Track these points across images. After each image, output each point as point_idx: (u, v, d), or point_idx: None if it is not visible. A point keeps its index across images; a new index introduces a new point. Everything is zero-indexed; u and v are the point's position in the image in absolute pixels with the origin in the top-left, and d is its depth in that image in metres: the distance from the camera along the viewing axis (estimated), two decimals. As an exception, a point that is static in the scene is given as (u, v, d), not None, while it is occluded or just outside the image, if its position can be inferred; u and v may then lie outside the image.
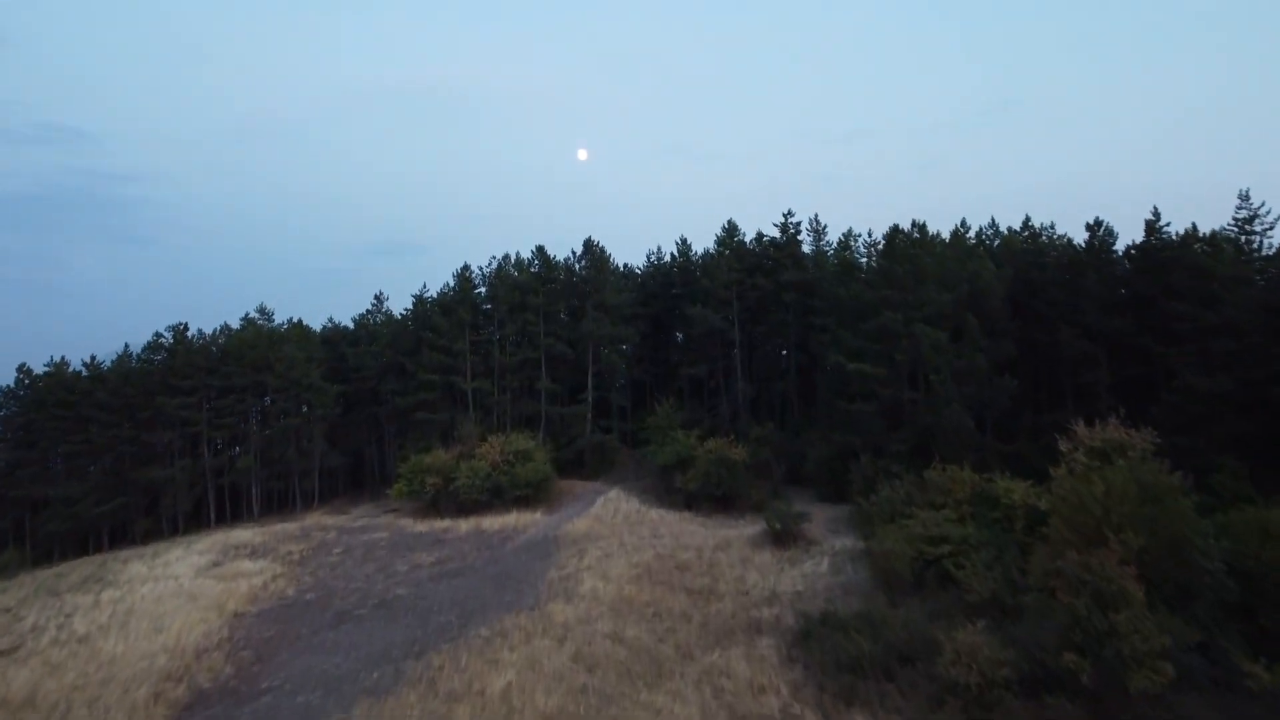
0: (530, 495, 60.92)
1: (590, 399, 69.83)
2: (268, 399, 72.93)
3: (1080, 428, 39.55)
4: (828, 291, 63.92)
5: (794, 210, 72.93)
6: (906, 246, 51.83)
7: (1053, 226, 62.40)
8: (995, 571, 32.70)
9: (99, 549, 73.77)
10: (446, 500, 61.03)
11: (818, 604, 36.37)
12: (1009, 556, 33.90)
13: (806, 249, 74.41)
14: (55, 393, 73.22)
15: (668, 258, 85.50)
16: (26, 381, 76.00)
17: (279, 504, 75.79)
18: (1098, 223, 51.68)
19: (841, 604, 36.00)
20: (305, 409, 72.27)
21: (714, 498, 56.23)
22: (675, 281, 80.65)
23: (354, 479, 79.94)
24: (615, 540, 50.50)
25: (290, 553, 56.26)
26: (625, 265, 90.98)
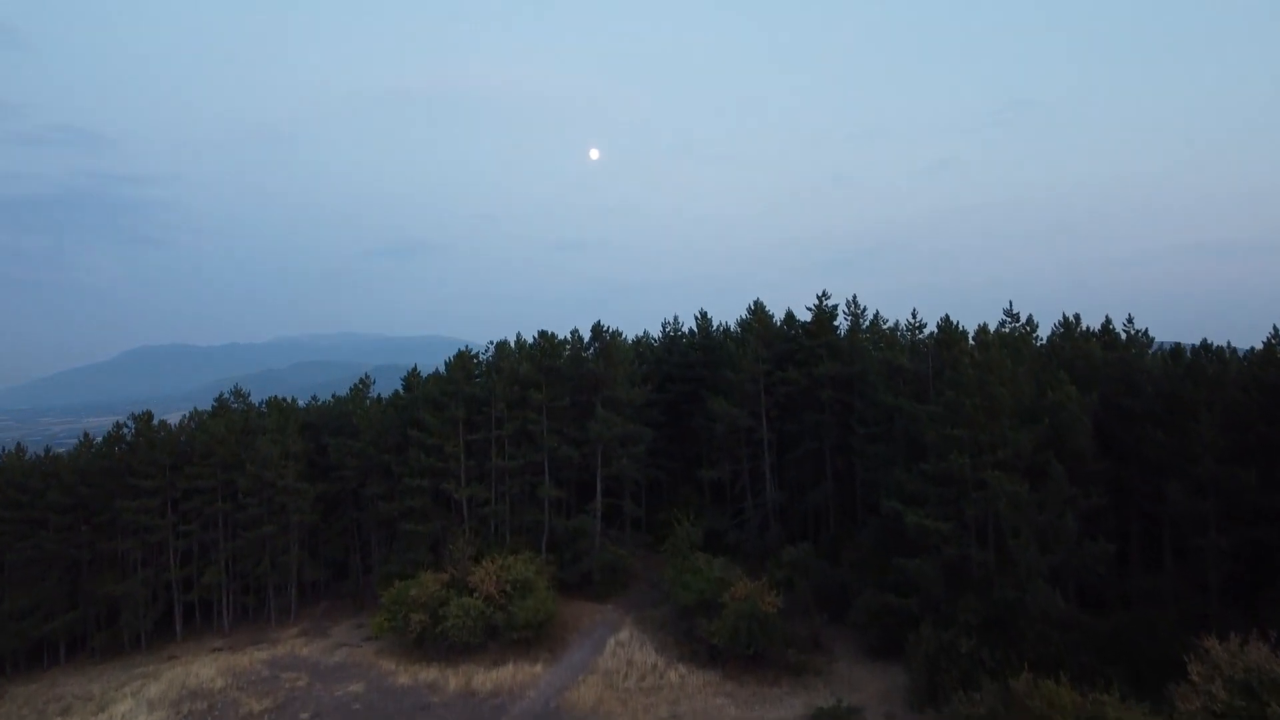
0: (531, 637, 52.86)
1: (599, 508, 61.67)
2: (239, 499, 64.93)
3: (1215, 647, 31.42)
4: (872, 396, 55.68)
5: (829, 291, 64.42)
6: (972, 370, 43.37)
7: (1146, 333, 53.92)
8: None
9: (54, 663, 66.39)
10: (434, 639, 53.02)
11: None
12: None
13: (842, 322, 66.09)
14: (5, 491, 65.58)
15: (686, 329, 77.22)
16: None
17: (254, 613, 67.92)
18: (1205, 346, 43.31)
19: None
20: (280, 513, 64.25)
21: (744, 655, 48.02)
22: (695, 362, 72.28)
23: (336, 584, 72.00)
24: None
25: (250, 714, 48.39)
26: (641, 335, 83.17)
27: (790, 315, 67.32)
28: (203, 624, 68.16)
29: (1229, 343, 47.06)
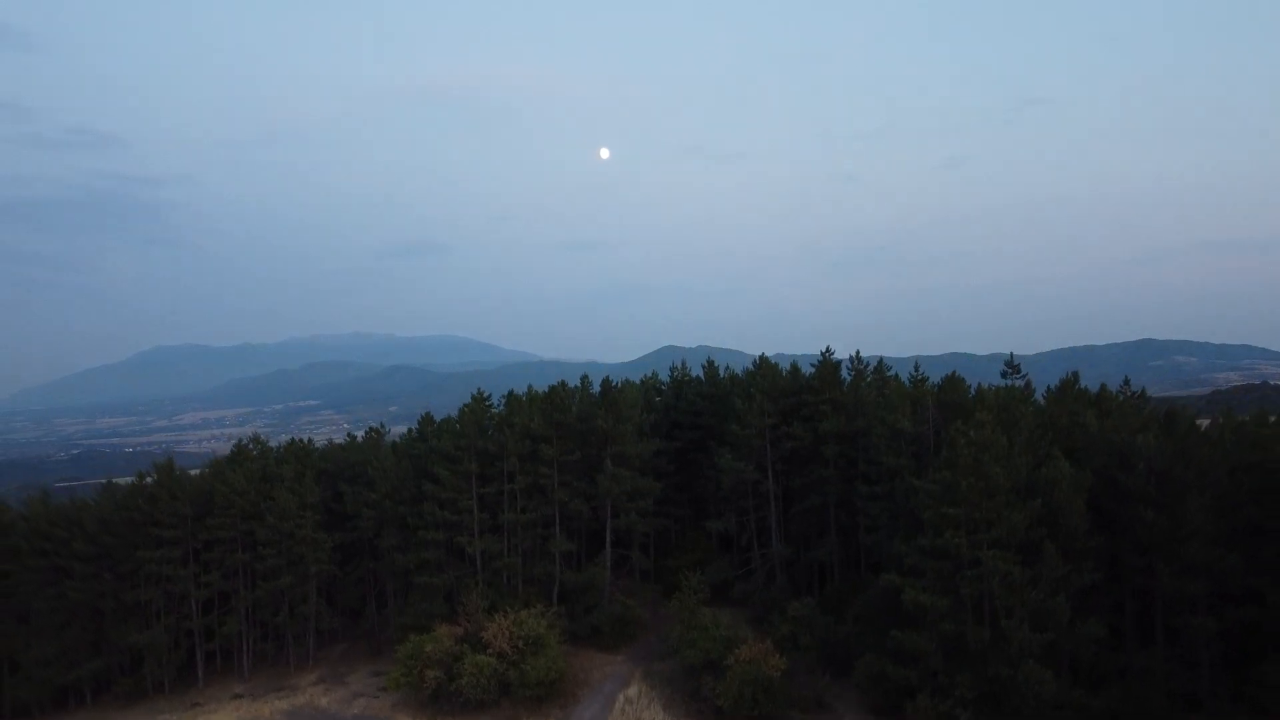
0: (542, 694, 54.53)
1: (609, 561, 63.29)
2: (258, 549, 66.74)
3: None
4: (874, 456, 57.10)
5: (833, 347, 65.84)
6: (967, 450, 44.67)
7: (1143, 394, 55.08)
8: None
9: (80, 705, 68.45)
10: (449, 696, 54.75)
11: None
12: None
13: (846, 376, 67.54)
14: (31, 539, 67.61)
15: (694, 375, 78.78)
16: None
17: (273, 657, 69.75)
18: (1192, 428, 44.45)
19: None
20: (299, 564, 66.07)
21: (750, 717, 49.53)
22: (702, 410, 73.78)
23: (352, 625, 73.79)
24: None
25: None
26: (650, 377, 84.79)
27: (795, 368, 68.69)
28: (223, 668, 70.09)
29: (1221, 415, 48.24)
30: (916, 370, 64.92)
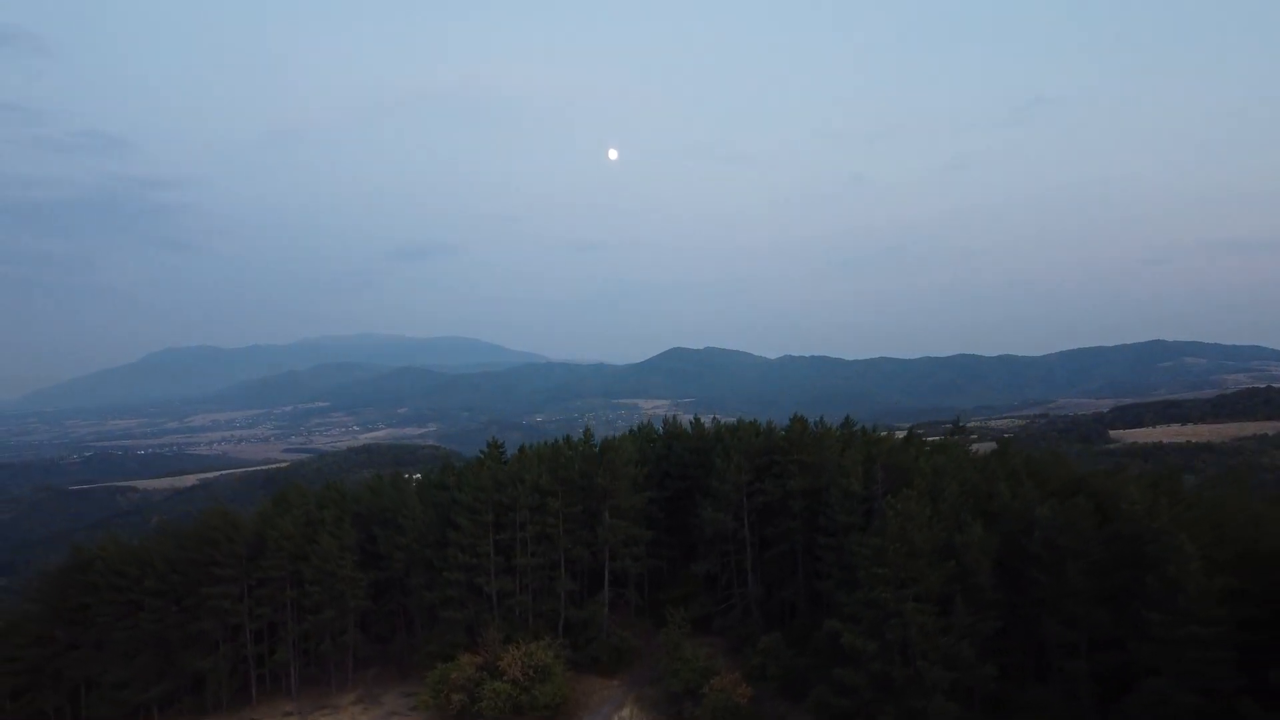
0: (549, 715, 65.02)
1: (606, 599, 73.71)
2: (304, 586, 77.21)
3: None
4: (831, 514, 67.26)
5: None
6: (895, 521, 54.91)
7: (1064, 460, 65.21)
8: None
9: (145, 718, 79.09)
10: (471, 716, 65.28)
11: None
12: None
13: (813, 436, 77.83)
14: (107, 576, 78.24)
15: (685, 425, 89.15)
16: (77, 561, 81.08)
17: (316, 680, 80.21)
18: (1078, 502, 54.37)
19: None
20: (339, 599, 76.56)
21: (722, 736, 60.03)
22: (689, 463, 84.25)
23: (385, 654, 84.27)
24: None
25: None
26: (645, 426, 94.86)
27: (771, 427, 79.04)
28: (274, 688, 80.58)
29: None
30: (871, 429, 75.02)
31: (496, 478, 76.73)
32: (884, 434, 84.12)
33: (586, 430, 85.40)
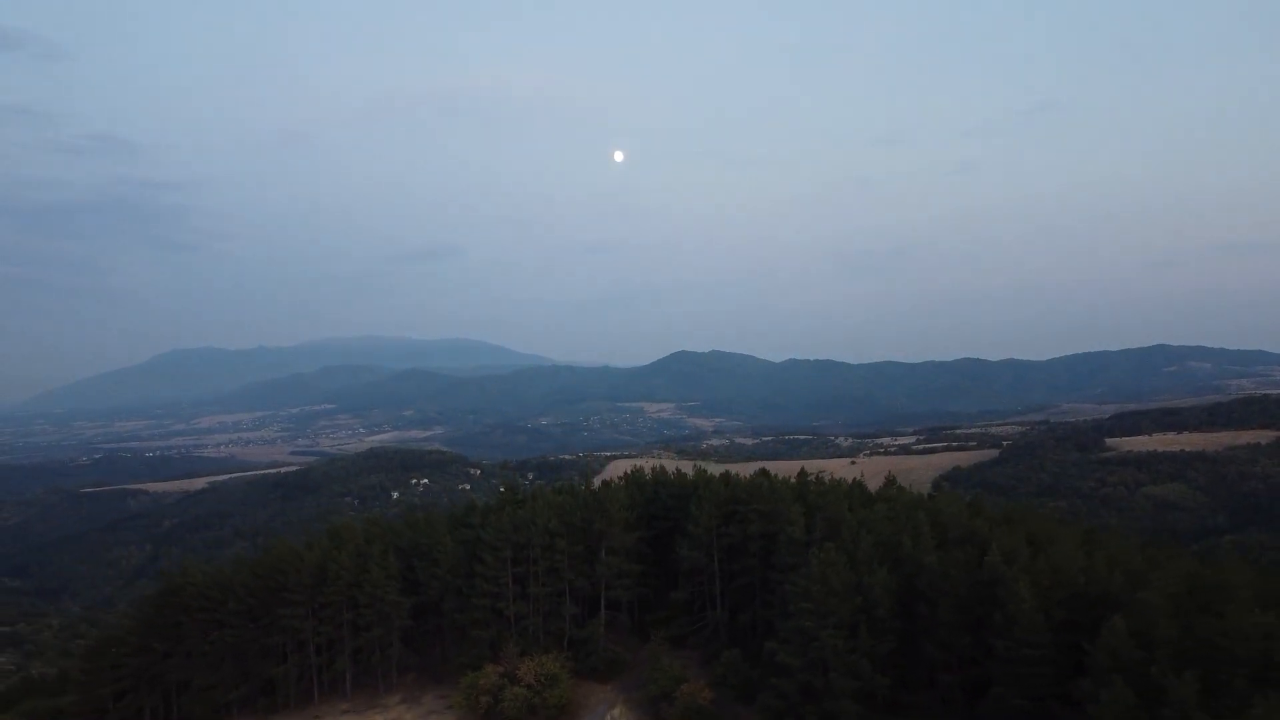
0: (556, 713, 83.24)
1: (602, 620, 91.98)
2: (359, 609, 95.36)
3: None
4: (780, 556, 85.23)
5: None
6: (818, 567, 72.92)
7: (977, 501, 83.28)
8: None
9: (229, 717, 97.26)
10: (495, 714, 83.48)
11: None
12: None
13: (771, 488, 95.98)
14: (196, 599, 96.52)
15: (672, 472, 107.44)
16: (171, 586, 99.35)
17: (367, 684, 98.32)
18: (950, 554, 72.46)
19: None
20: (386, 619, 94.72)
21: (691, 731, 78.26)
22: (671, 507, 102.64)
23: (422, 663, 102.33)
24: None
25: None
26: (638, 471, 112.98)
27: (737, 479, 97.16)
28: (332, 690, 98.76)
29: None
30: (819, 479, 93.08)
31: (514, 521, 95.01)
32: (831, 482, 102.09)
33: (588, 477, 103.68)
